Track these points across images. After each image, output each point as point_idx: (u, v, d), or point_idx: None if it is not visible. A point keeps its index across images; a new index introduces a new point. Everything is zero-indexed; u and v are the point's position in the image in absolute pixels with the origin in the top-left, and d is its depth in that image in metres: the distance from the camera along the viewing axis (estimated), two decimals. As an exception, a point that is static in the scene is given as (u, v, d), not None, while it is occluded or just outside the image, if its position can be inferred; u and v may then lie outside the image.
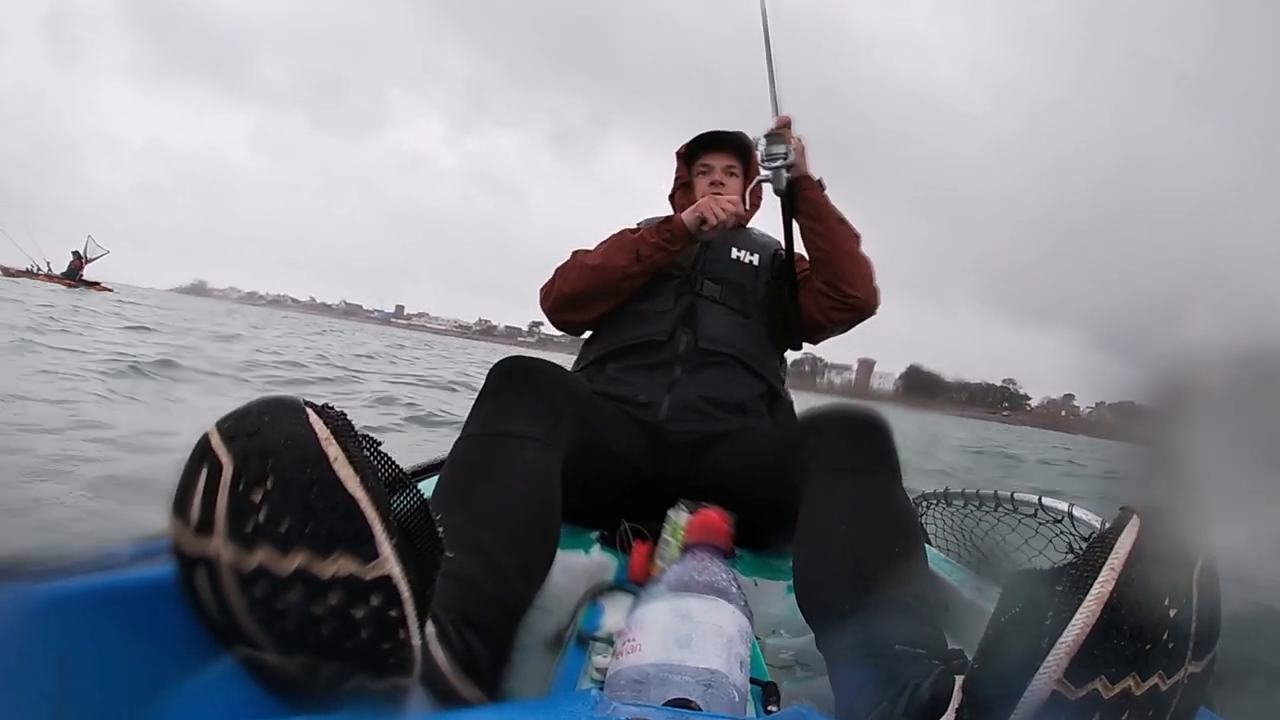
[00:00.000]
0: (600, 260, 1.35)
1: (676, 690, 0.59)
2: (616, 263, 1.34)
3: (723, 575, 0.73)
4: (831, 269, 1.38)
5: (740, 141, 1.55)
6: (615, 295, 1.36)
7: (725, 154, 1.55)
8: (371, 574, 0.44)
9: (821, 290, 1.39)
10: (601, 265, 1.34)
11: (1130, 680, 0.44)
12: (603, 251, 1.36)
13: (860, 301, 1.39)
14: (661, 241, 1.33)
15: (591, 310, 1.39)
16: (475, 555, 0.70)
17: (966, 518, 1.61)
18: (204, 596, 0.45)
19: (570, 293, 1.37)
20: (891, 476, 0.91)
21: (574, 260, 1.39)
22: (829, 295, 1.39)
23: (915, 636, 0.69)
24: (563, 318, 1.42)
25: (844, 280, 1.38)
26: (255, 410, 0.47)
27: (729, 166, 1.54)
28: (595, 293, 1.36)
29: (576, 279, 1.36)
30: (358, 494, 0.44)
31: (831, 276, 1.38)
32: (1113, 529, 0.48)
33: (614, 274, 1.34)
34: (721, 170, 1.53)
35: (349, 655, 0.45)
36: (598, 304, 1.38)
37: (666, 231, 1.33)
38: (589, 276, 1.35)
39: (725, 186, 1.52)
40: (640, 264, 1.33)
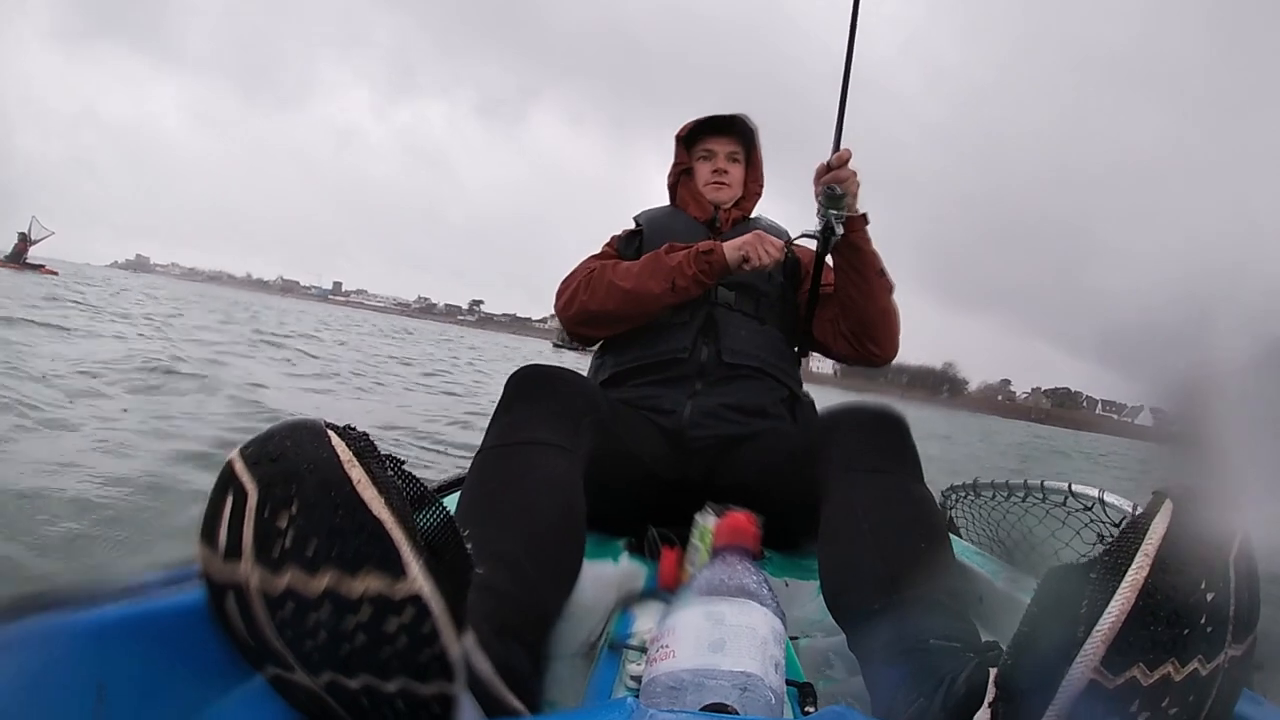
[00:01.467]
0: (634, 285, 1.30)
1: (712, 695, 0.58)
2: (650, 289, 1.29)
3: (753, 577, 0.73)
4: (859, 321, 1.35)
5: (743, 126, 1.51)
6: (641, 319, 1.33)
7: (728, 138, 1.50)
8: (401, 592, 0.44)
9: (843, 332, 1.37)
10: (634, 290, 1.30)
11: (1169, 666, 0.44)
12: (636, 274, 1.31)
13: (879, 357, 1.38)
14: (699, 273, 1.29)
15: (615, 329, 1.36)
16: (502, 566, 0.70)
17: (995, 509, 1.60)
18: (233, 620, 0.46)
19: (597, 311, 1.33)
20: (911, 473, 0.91)
21: (602, 276, 1.34)
22: (848, 340, 1.37)
23: (948, 631, 0.68)
24: (582, 332, 1.39)
25: (870, 337, 1.36)
26: (278, 435, 0.47)
27: (732, 152, 1.50)
28: (623, 315, 1.33)
29: (605, 298, 1.32)
30: (382, 515, 0.45)
31: (857, 328, 1.36)
32: (1145, 514, 0.47)
33: (647, 301, 1.30)
34: (725, 156, 1.49)
35: (385, 665, 0.45)
36: (623, 325, 1.35)
37: (706, 263, 1.29)
38: (619, 299, 1.31)
39: (728, 174, 1.48)
40: (674, 294, 1.29)
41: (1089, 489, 1.29)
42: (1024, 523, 1.49)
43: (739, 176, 1.50)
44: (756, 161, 1.54)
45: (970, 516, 1.67)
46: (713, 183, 1.49)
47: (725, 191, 1.49)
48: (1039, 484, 1.44)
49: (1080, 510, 1.31)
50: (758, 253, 1.28)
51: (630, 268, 1.33)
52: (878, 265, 1.32)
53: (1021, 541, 1.48)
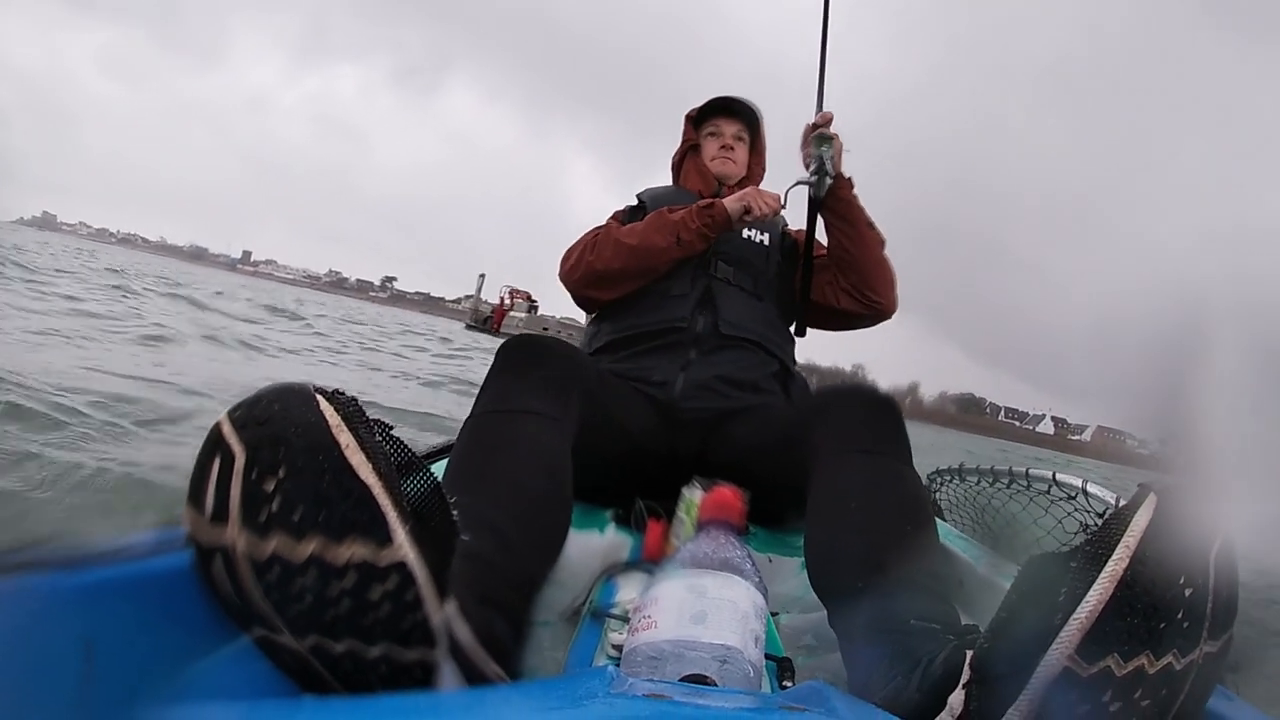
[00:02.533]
0: (639, 240, 1.32)
1: (692, 666, 0.59)
2: (656, 243, 1.31)
3: (737, 552, 0.73)
4: (858, 273, 1.39)
5: (750, 110, 1.55)
6: (648, 276, 1.34)
7: (736, 121, 1.54)
8: (386, 559, 0.45)
9: (844, 288, 1.41)
10: (640, 245, 1.32)
11: (1144, 659, 0.44)
12: (641, 231, 1.33)
13: (882, 306, 1.41)
14: (703, 226, 1.32)
15: (620, 289, 1.37)
16: (488, 534, 0.70)
17: (979, 494, 1.61)
18: (220, 583, 0.46)
19: (603, 270, 1.34)
20: (901, 456, 0.91)
21: (608, 236, 1.36)
22: (850, 295, 1.41)
23: (929, 612, 0.69)
24: (588, 294, 1.40)
25: (868, 285, 1.39)
26: (266, 398, 0.47)
27: (738, 132, 1.54)
28: (630, 272, 1.34)
29: (612, 256, 1.33)
30: (370, 480, 0.45)
31: (856, 280, 1.40)
32: (1129, 506, 0.48)
33: (653, 255, 1.32)
34: (731, 136, 1.53)
35: (369, 631, 0.45)
36: (629, 284, 1.35)
37: (709, 216, 1.32)
38: (625, 255, 1.32)
39: (734, 151, 1.52)
40: (681, 248, 1.31)
41: (1073, 479, 1.31)
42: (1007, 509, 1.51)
43: (744, 157, 1.54)
44: (760, 147, 1.57)
45: (955, 500, 1.69)
46: (719, 157, 1.52)
47: (730, 166, 1.52)
48: (1024, 472, 1.45)
49: (1063, 499, 1.33)
50: (757, 203, 1.32)
51: (634, 227, 1.35)
52: (867, 218, 1.39)
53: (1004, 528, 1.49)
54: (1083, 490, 1.27)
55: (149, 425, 2.60)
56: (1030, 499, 1.43)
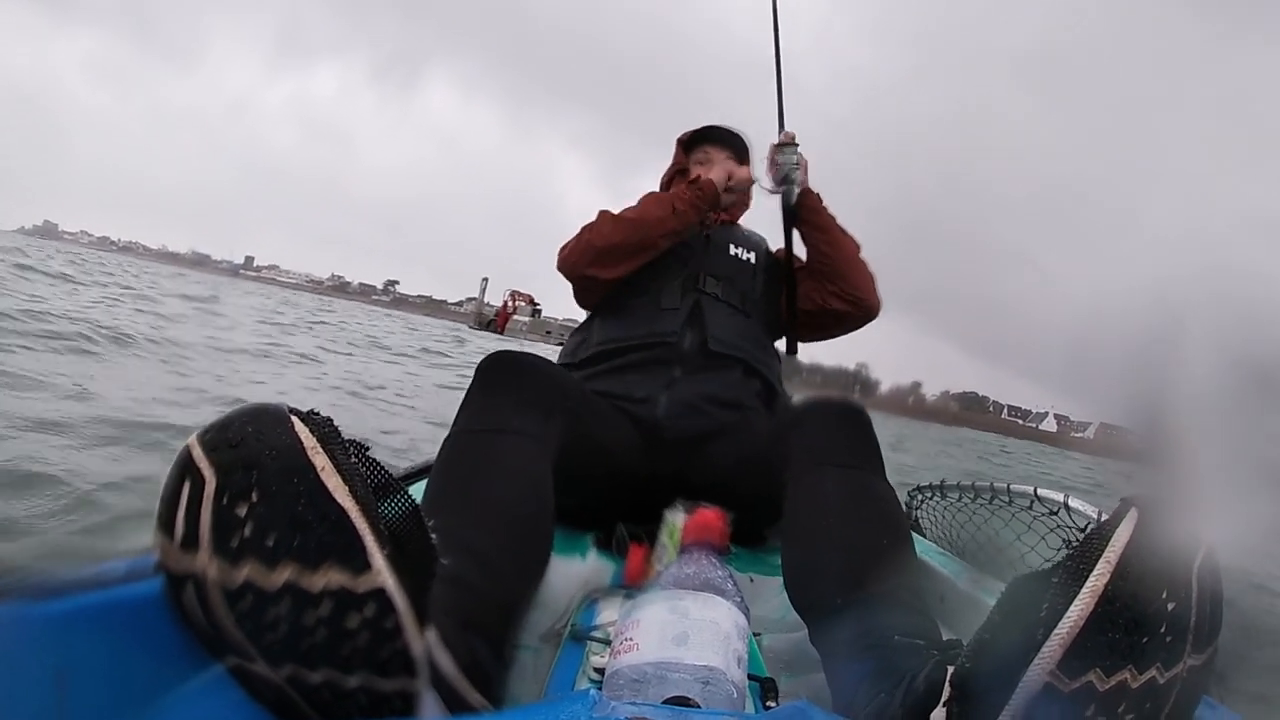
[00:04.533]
0: (637, 214, 1.37)
1: (675, 688, 0.59)
2: (654, 214, 1.36)
3: (718, 572, 0.73)
4: (840, 276, 1.45)
5: (738, 140, 1.60)
6: (648, 250, 1.37)
7: (725, 149, 1.58)
8: (364, 586, 0.44)
9: (831, 293, 1.46)
10: (639, 218, 1.36)
11: (1126, 673, 0.44)
12: (638, 207, 1.39)
13: (869, 303, 1.46)
14: (694, 197, 1.38)
15: (621, 267, 1.37)
16: (469, 557, 0.69)
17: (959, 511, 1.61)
18: (191, 611, 0.45)
19: (603, 245, 1.35)
20: (874, 468, 0.92)
21: (604, 215, 1.40)
22: (839, 297, 1.45)
23: (911, 627, 0.69)
24: (589, 274, 1.39)
25: (851, 286, 1.45)
26: (238, 420, 0.46)
27: (726, 159, 1.56)
28: (630, 246, 1.36)
29: (612, 230, 1.36)
30: (346, 504, 0.44)
31: (840, 284, 1.45)
32: (1110, 521, 0.47)
33: (652, 226, 1.35)
34: (720, 162, 1.56)
35: (347, 660, 0.44)
36: (629, 260, 1.37)
37: (698, 189, 1.39)
38: (625, 228, 1.35)
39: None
40: (677, 218, 1.36)
41: (1054, 494, 1.31)
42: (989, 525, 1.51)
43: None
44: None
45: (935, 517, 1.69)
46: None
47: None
48: (1005, 487, 1.46)
49: (1045, 515, 1.34)
50: (735, 173, 1.45)
51: (628, 209, 1.41)
52: (838, 225, 1.48)
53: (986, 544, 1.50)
54: (1064, 505, 1.27)
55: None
56: (1012, 515, 1.44)
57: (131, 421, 2.78)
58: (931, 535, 1.63)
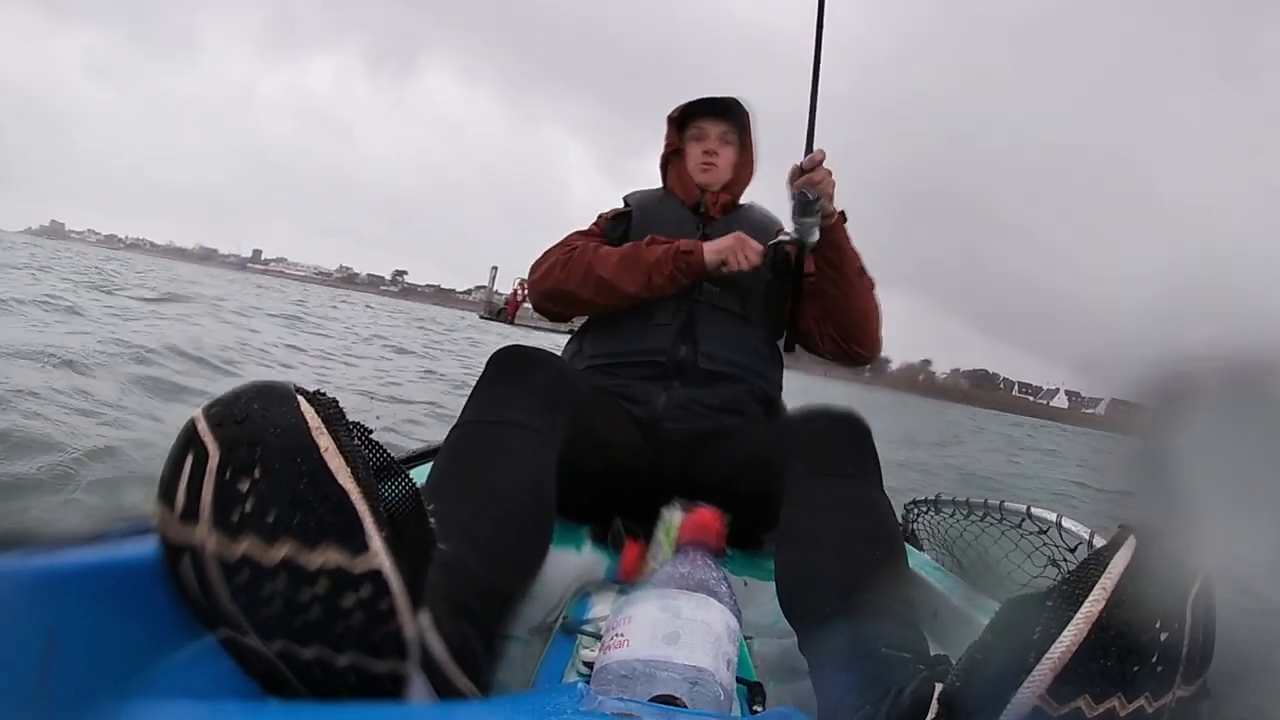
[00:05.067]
0: (610, 275, 1.28)
1: (663, 686, 0.59)
2: (625, 287, 1.28)
3: (713, 574, 0.73)
4: (842, 324, 1.37)
5: (736, 108, 1.48)
6: (613, 310, 1.33)
7: (720, 120, 1.47)
8: (361, 567, 0.44)
9: (828, 334, 1.39)
10: (610, 281, 1.29)
11: (1115, 700, 0.44)
12: (614, 265, 1.30)
13: (864, 357, 1.40)
14: (676, 272, 1.28)
15: (582, 312, 1.36)
16: (467, 544, 0.69)
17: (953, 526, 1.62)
18: (187, 582, 0.45)
19: (570, 293, 1.32)
20: (871, 479, 0.92)
21: (582, 258, 1.32)
22: (834, 341, 1.39)
23: (900, 640, 0.69)
24: (550, 308, 1.38)
25: (852, 337, 1.38)
26: (244, 396, 0.46)
27: (724, 133, 1.47)
28: (596, 304, 1.32)
29: (580, 283, 1.31)
30: (348, 485, 0.44)
31: (840, 331, 1.38)
32: (1108, 547, 0.47)
33: (620, 295, 1.29)
34: (716, 137, 1.46)
35: (340, 639, 0.45)
36: (593, 310, 1.35)
37: (684, 264, 1.28)
38: (593, 287, 1.30)
39: (718, 156, 1.45)
40: (650, 291, 1.28)
41: (1047, 513, 1.32)
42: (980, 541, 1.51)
43: (729, 159, 1.47)
44: (748, 145, 1.50)
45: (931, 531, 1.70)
46: (702, 164, 1.46)
47: (713, 173, 1.46)
48: (998, 504, 1.46)
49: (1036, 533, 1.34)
50: (736, 258, 1.27)
51: (610, 255, 1.32)
52: (857, 264, 1.33)
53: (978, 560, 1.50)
54: (1056, 525, 1.28)
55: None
56: (1002, 532, 1.44)
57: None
58: (928, 549, 1.63)
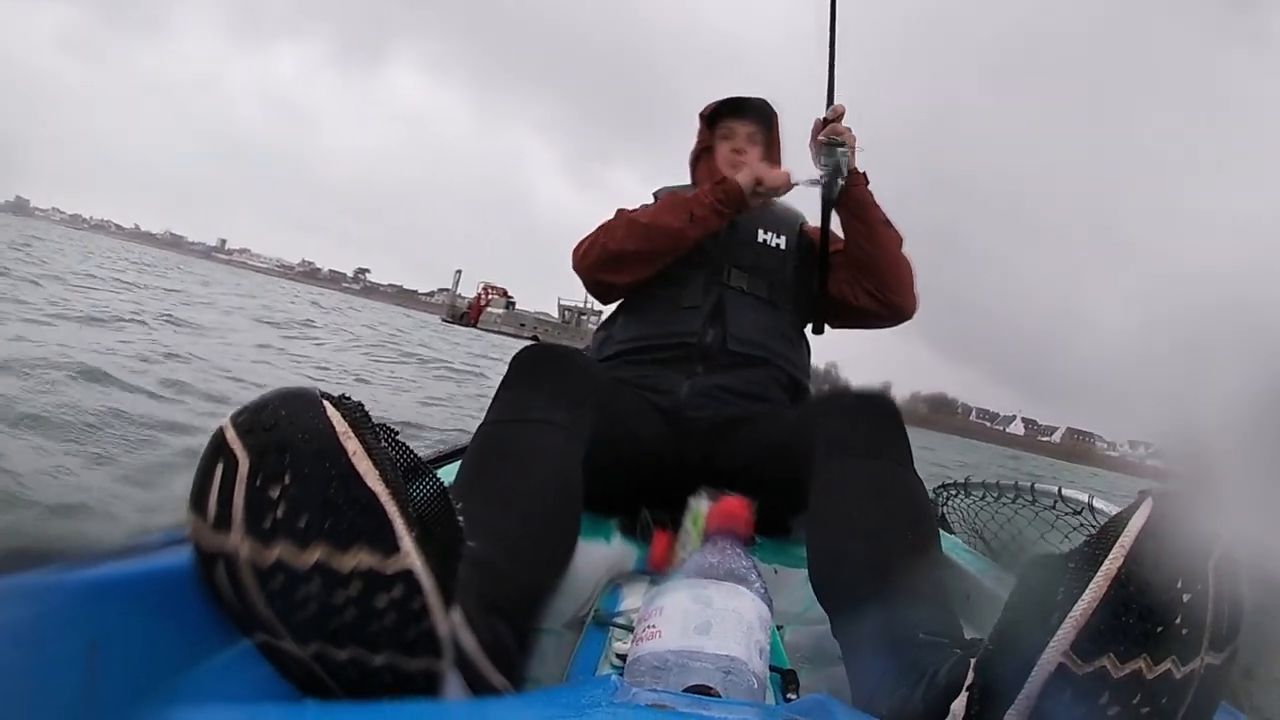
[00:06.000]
0: (651, 218, 1.31)
1: (696, 677, 0.59)
2: (669, 223, 1.30)
3: (743, 562, 0.73)
4: (875, 274, 1.37)
5: (763, 109, 1.52)
6: (663, 256, 1.33)
7: (748, 120, 1.51)
8: (393, 567, 0.45)
9: (864, 289, 1.38)
10: (653, 223, 1.30)
11: (1141, 662, 0.44)
12: (654, 211, 1.32)
13: (901, 306, 1.39)
14: (716, 202, 1.30)
15: (635, 273, 1.35)
16: (497, 541, 0.70)
17: (983, 509, 1.61)
18: (222, 589, 0.46)
19: (617, 250, 1.32)
20: (902, 461, 0.91)
21: (620, 218, 1.36)
22: (871, 295, 1.38)
23: (935, 625, 0.69)
24: (602, 278, 1.38)
25: (886, 286, 1.37)
26: (272, 403, 0.47)
27: (751, 133, 1.50)
28: (643, 253, 1.32)
29: (625, 236, 1.32)
30: (377, 488, 0.45)
31: (874, 282, 1.37)
32: (1126, 510, 0.48)
33: (666, 234, 1.30)
34: (744, 136, 1.49)
35: (374, 639, 0.45)
36: (643, 266, 1.34)
37: (721, 192, 1.31)
38: (639, 235, 1.31)
39: (746, 155, 1.48)
40: (694, 225, 1.29)
41: (1079, 494, 1.30)
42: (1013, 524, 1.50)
43: (757, 158, 1.49)
44: (775, 144, 1.53)
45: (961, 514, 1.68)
46: (730, 162, 1.48)
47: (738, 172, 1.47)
48: (1029, 486, 1.45)
49: (1069, 514, 1.32)
50: (767, 175, 1.32)
51: (647, 208, 1.35)
52: (882, 216, 1.35)
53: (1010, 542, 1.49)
54: (1089, 506, 1.26)
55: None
56: (1036, 514, 1.43)
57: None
58: (959, 531, 1.62)
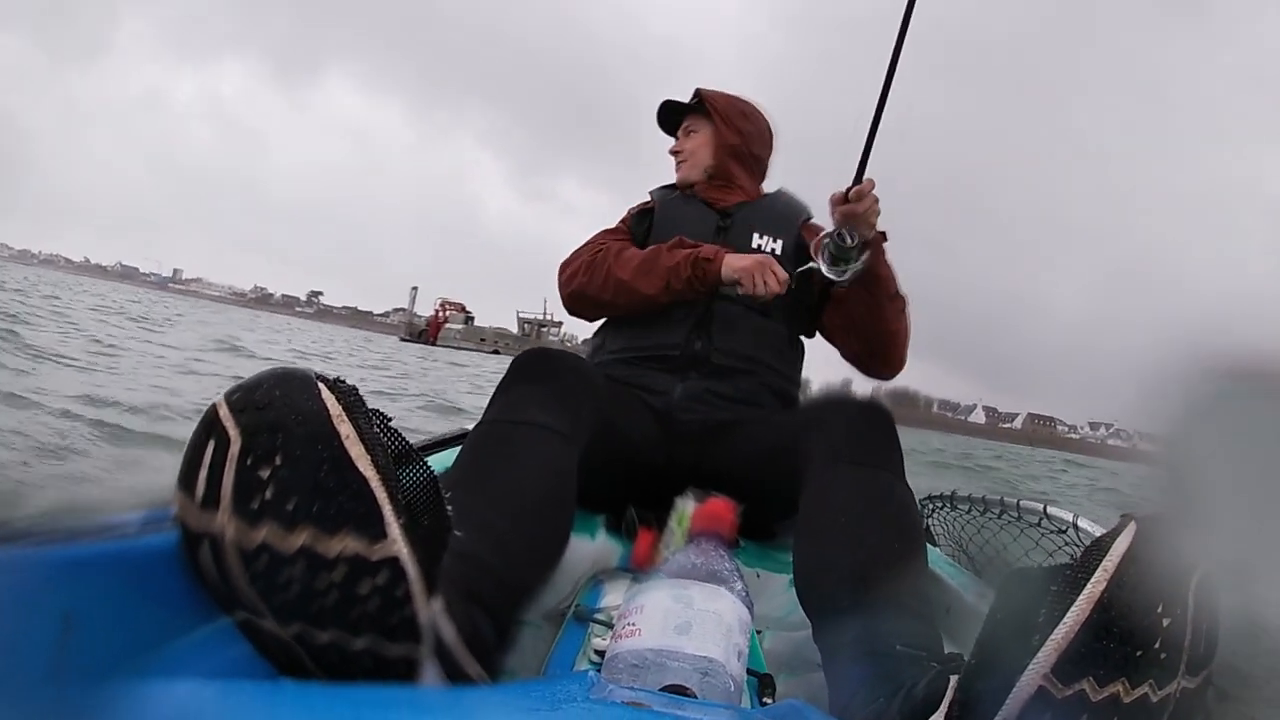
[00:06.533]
0: (630, 278, 1.30)
1: (673, 676, 0.59)
2: (644, 290, 1.28)
3: (725, 565, 0.73)
4: (868, 344, 1.34)
5: (688, 105, 1.50)
6: (635, 312, 1.33)
7: (676, 121, 1.53)
8: (378, 554, 0.44)
9: (852, 350, 1.37)
10: (629, 285, 1.29)
11: (1119, 685, 0.44)
12: (634, 269, 1.30)
13: (886, 378, 1.38)
14: (694, 279, 1.26)
15: (608, 315, 1.38)
16: (484, 535, 0.70)
17: (969, 524, 1.61)
18: (206, 568, 0.46)
19: (592, 297, 1.34)
20: (894, 470, 0.91)
21: (604, 261, 1.34)
22: (857, 358, 1.37)
23: (915, 637, 0.69)
24: (577, 311, 1.41)
25: (873, 356, 1.35)
26: (266, 383, 0.46)
27: (685, 128, 1.51)
28: (616, 305, 1.34)
29: (601, 287, 1.32)
30: (368, 473, 0.45)
31: (865, 350, 1.35)
32: (1110, 534, 0.48)
33: (639, 298, 1.30)
34: (681, 135, 1.51)
35: (356, 623, 0.45)
36: (617, 313, 1.37)
37: (701, 272, 1.26)
38: (613, 290, 1.31)
39: (683, 153, 1.49)
40: (668, 295, 1.28)
41: (1064, 512, 1.31)
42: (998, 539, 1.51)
43: (695, 146, 1.48)
44: (717, 117, 1.47)
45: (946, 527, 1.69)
46: (677, 164, 1.52)
47: (685, 169, 1.50)
48: (1015, 503, 1.45)
49: (1054, 533, 1.33)
50: (754, 283, 1.22)
51: (632, 258, 1.32)
52: (892, 289, 1.28)
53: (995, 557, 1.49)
54: (1073, 525, 1.27)
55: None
56: (1020, 531, 1.43)
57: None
58: (943, 544, 1.63)
